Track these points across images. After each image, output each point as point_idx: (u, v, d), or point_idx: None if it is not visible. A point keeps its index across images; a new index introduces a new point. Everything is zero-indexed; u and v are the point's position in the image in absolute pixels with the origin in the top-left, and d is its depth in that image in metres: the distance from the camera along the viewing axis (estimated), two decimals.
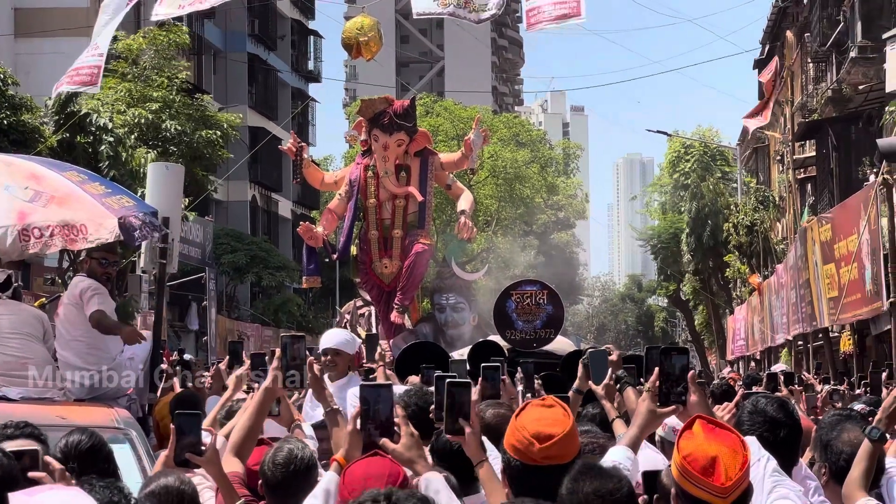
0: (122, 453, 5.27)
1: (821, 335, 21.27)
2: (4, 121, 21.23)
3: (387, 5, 73.29)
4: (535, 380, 6.65)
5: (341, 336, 8.19)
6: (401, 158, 11.94)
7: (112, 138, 22.26)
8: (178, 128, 26.56)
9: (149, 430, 6.64)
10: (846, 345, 21.30)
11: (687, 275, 48.57)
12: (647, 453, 4.53)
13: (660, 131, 50.04)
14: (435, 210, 16.17)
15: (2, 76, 22.15)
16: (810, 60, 32.09)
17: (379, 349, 9.31)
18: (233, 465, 4.57)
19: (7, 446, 3.51)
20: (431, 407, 4.44)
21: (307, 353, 4.72)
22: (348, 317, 13.01)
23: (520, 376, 6.58)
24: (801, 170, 34.36)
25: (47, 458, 3.67)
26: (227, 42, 46.58)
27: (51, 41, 30.18)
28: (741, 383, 12.37)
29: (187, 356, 12.13)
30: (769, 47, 41.11)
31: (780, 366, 21.03)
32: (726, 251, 41.14)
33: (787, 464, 4.26)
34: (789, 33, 37.37)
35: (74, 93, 19.20)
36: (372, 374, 8.42)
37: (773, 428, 4.43)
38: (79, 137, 21.90)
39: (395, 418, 4.05)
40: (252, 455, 4.74)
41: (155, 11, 10.87)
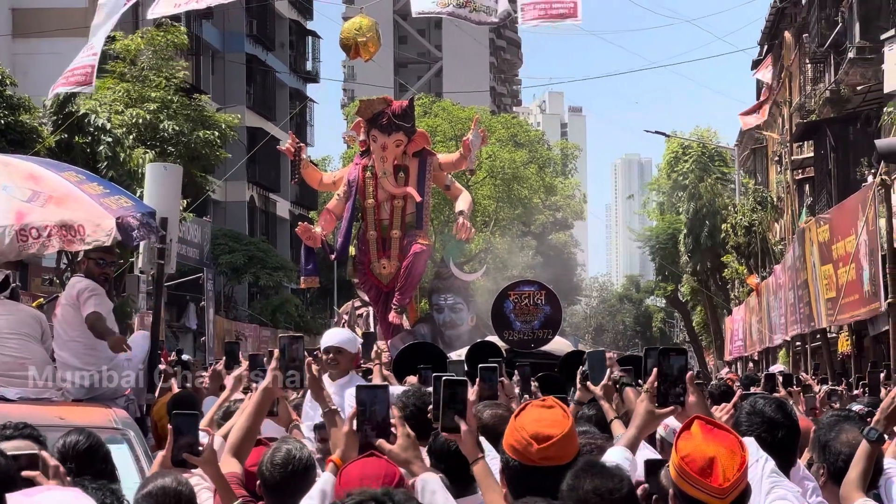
0: (120, 454, 5.26)
1: (819, 336, 21.29)
2: (2, 121, 21.20)
3: (385, 6, 73.22)
4: (531, 382, 6.65)
5: (343, 334, 8.17)
6: (399, 159, 11.92)
7: (110, 138, 22.24)
8: (176, 128, 26.51)
9: (147, 431, 6.63)
10: (844, 345, 21.30)
11: (685, 275, 48.63)
12: (645, 454, 4.52)
13: (658, 132, 50.02)
14: (433, 210, 16.15)
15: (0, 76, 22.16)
16: (808, 61, 32.06)
17: (375, 347, 9.28)
18: (231, 466, 4.56)
19: (6, 447, 3.50)
20: (429, 407, 4.43)
21: (305, 353, 4.72)
22: (346, 317, 13.02)
23: (516, 378, 6.57)
24: (799, 170, 34.34)
25: (43, 453, 3.67)
26: (226, 42, 46.58)
27: (48, 41, 30.18)
28: (739, 384, 12.36)
29: (185, 356, 12.15)
30: (767, 48, 41.09)
31: (779, 366, 21.07)
32: (724, 252, 41.20)
33: (785, 464, 4.25)
34: (787, 34, 37.33)
35: (72, 93, 19.19)
36: (370, 374, 8.40)
37: (771, 429, 4.43)
38: (77, 138, 21.89)
39: (392, 419, 4.04)
40: (250, 456, 4.73)
41: (152, 10, 10.89)
